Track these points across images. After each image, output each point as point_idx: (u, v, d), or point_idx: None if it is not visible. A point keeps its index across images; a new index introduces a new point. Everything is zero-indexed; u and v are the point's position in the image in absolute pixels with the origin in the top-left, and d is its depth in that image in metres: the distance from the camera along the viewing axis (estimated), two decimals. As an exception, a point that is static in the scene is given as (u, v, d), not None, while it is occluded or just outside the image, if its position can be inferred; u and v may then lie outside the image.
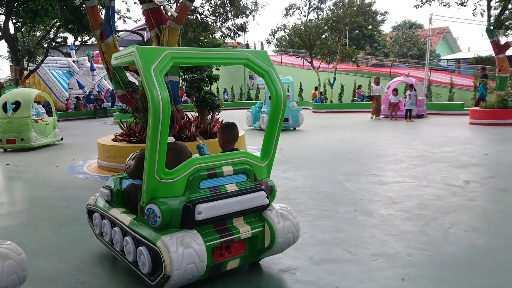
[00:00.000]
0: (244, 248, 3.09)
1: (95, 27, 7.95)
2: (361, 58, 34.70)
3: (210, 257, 2.83)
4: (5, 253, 2.63)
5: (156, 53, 2.71)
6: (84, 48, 34.34)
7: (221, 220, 2.94)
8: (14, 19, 22.34)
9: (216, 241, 2.87)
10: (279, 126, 3.27)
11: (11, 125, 11.02)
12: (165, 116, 2.59)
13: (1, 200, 5.94)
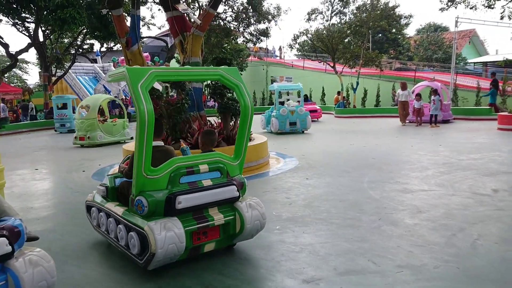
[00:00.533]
0: (219, 233, 3.65)
1: (121, 35, 8.13)
2: (385, 62, 34.30)
3: (189, 240, 3.39)
4: (35, 260, 2.72)
5: (143, 72, 3.25)
6: (110, 54, 35.09)
7: (198, 210, 3.51)
8: (43, 27, 23.02)
9: (193, 226, 3.42)
10: (248, 131, 3.84)
11: (82, 125, 13.37)
12: (150, 124, 3.16)
13: (30, 205, 6.12)
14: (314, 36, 26.51)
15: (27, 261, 2.67)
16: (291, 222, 4.67)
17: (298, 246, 3.93)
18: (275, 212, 5.09)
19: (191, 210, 3.45)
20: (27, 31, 23.77)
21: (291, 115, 14.47)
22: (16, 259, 2.63)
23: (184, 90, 8.07)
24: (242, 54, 33.04)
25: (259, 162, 8.01)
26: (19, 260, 2.63)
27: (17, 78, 45.61)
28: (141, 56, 8.26)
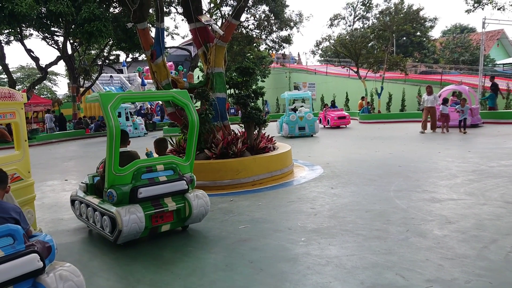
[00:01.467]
0: (173, 217, 4.79)
1: (146, 48, 8.28)
2: (410, 65, 33.76)
3: (148, 221, 4.53)
4: (65, 275, 2.78)
5: (112, 96, 4.40)
6: (135, 64, 35.85)
7: (156, 199, 4.64)
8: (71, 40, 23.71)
9: (151, 211, 4.55)
10: (195, 140, 5.08)
11: None
12: (117, 136, 4.28)
13: (60, 216, 6.28)
14: (336, 42, 26.36)
15: (58, 276, 2.74)
16: (317, 233, 4.63)
17: (324, 259, 3.89)
18: (300, 223, 5.07)
19: (150, 199, 4.59)
20: (56, 44, 24.57)
21: (300, 120, 16.12)
22: (47, 274, 2.70)
23: (208, 101, 8.15)
24: (264, 61, 33.16)
25: (283, 171, 8.00)
26: (50, 275, 2.70)
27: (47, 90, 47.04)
28: (166, 68, 8.39)
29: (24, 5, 17.50)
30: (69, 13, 19.05)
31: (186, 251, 4.39)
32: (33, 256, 2.61)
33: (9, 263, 2.48)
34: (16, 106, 4.63)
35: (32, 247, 2.64)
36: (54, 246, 2.88)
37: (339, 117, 19.77)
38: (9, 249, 2.55)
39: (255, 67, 9.84)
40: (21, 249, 2.59)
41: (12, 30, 19.39)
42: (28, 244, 2.66)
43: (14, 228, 2.61)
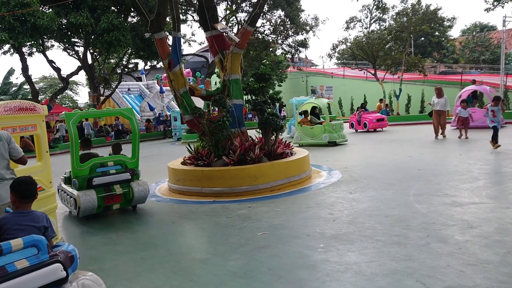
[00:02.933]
0: (121, 199, 6.66)
1: (163, 57, 8.41)
2: (428, 66, 33.30)
3: (101, 201, 6.41)
4: (88, 284, 2.85)
5: (73, 114, 6.26)
6: (154, 71, 36.33)
7: (107, 186, 6.49)
8: (91, 50, 24.20)
9: (103, 194, 6.41)
10: (138, 144, 6.94)
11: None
12: (76, 143, 6.17)
13: (82, 224, 6.40)
14: (353, 45, 26.21)
15: (80, 285, 2.81)
16: (335, 239, 4.61)
17: (343, 266, 3.88)
18: (318, 229, 5.05)
19: (102, 186, 6.43)
20: (76, 54, 25.14)
21: None
22: (70, 283, 2.76)
23: (225, 108, 8.21)
24: (281, 66, 33.20)
25: (301, 177, 7.98)
26: (72, 284, 2.77)
27: (68, 99, 48.07)
28: (183, 76, 8.49)
29: (45, 18, 17.98)
30: (89, 24, 19.47)
31: (204, 258, 4.42)
32: (57, 266, 2.67)
33: (34, 273, 2.55)
34: (38, 118, 4.78)
35: (56, 257, 2.71)
36: (77, 255, 2.95)
37: (378, 120, 18.84)
38: (34, 259, 2.62)
39: (272, 73, 9.88)
40: (45, 259, 2.66)
41: (35, 42, 19.92)
42: (51, 254, 2.73)
43: (38, 239, 2.69)
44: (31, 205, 3.13)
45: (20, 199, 3.05)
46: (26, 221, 2.96)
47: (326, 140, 13.93)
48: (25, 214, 3.01)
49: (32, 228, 2.96)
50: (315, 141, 14.28)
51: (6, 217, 2.97)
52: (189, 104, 8.42)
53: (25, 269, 2.53)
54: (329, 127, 14.07)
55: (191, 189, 7.69)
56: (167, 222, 6.10)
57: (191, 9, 25.27)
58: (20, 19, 17.72)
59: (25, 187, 3.07)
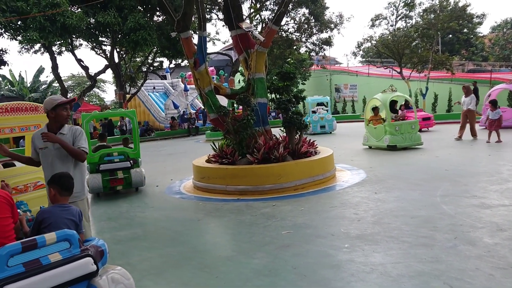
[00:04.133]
0: (123, 182, 8.42)
1: (189, 56, 8.50)
2: (456, 64, 32.54)
3: (107, 183, 8.33)
4: (117, 278, 2.94)
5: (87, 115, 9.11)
6: (178, 69, 36.72)
7: (112, 171, 8.33)
8: (118, 49, 24.65)
9: (108, 177, 8.29)
10: (138, 138, 8.90)
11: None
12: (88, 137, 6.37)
13: (110, 220, 6.56)
14: (378, 43, 25.85)
15: (110, 279, 2.89)
16: (361, 240, 4.58)
17: (369, 266, 3.85)
18: (343, 229, 5.03)
19: (108, 171, 8.33)
20: (104, 53, 25.64)
21: (321, 120, 19.21)
22: (100, 277, 2.85)
23: (250, 106, 8.24)
24: (305, 64, 33.04)
25: (325, 176, 7.95)
26: (102, 278, 2.85)
27: (95, 97, 49.11)
28: (208, 75, 8.57)
29: (74, 17, 18.41)
30: (116, 23, 19.82)
31: (229, 256, 4.47)
32: (88, 260, 2.76)
33: (66, 266, 2.64)
34: (42, 118, 4.99)
35: (87, 251, 2.80)
36: (106, 250, 3.04)
37: (424, 118, 17.19)
38: (66, 253, 2.72)
39: (296, 71, 9.85)
40: (77, 253, 2.76)
41: (64, 41, 20.42)
42: (83, 248, 2.83)
43: (70, 233, 2.78)
44: (68, 199, 3.25)
45: (61, 192, 3.19)
46: (66, 214, 3.09)
47: (386, 143, 11.77)
48: (65, 208, 3.14)
49: (71, 221, 3.08)
50: (378, 143, 12.20)
51: (49, 210, 3.10)
52: (214, 102, 8.49)
53: (58, 262, 2.63)
54: (391, 128, 11.72)
55: (216, 187, 7.76)
56: (193, 219, 6.18)
57: (215, 8, 25.43)
58: (51, 19, 18.20)
59: (65, 180, 3.23)
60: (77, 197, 3.79)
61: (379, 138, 12.13)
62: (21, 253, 2.50)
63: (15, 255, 2.47)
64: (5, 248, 2.44)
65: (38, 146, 3.90)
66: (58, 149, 3.81)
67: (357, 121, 26.49)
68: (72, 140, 3.89)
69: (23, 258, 2.51)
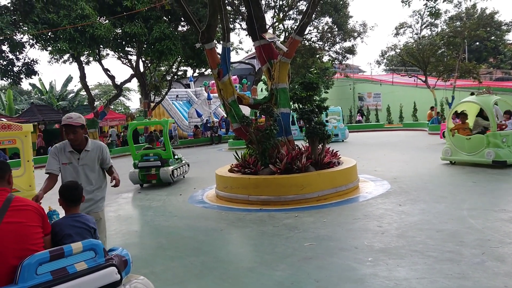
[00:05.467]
0: (156, 177, 10.68)
1: (213, 66, 8.61)
2: (484, 72, 31.80)
3: (144, 177, 10.75)
4: (139, 287, 2.98)
5: (132, 124, 13.30)
6: (202, 78, 37.11)
7: (147, 168, 10.70)
8: (143, 58, 25.16)
9: (144, 173, 10.69)
10: (168, 143, 11.32)
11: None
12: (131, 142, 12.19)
13: (135, 228, 6.66)
14: (403, 51, 25.54)
15: (133, 287, 2.94)
16: (384, 253, 4.51)
17: (393, 281, 3.79)
18: (366, 242, 4.96)
19: (144, 168, 10.63)
20: (129, 63, 26.20)
21: (334, 129, 19.82)
22: (124, 286, 2.89)
23: (273, 116, 8.27)
24: (328, 73, 32.93)
25: (348, 187, 7.87)
26: (126, 287, 2.90)
27: (121, 105, 50.12)
28: (232, 85, 8.65)
29: (102, 28, 18.92)
30: (142, 33, 20.26)
31: (251, 267, 4.47)
32: (112, 269, 2.81)
33: (92, 275, 2.69)
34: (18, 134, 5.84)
35: (111, 261, 2.85)
36: (130, 260, 3.09)
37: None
38: (91, 262, 2.77)
39: (319, 81, 9.83)
40: (102, 263, 2.80)
41: (91, 51, 20.98)
42: (107, 258, 2.88)
43: (96, 243, 2.84)
44: (78, 208, 3.26)
45: (67, 203, 3.18)
46: (78, 224, 3.09)
47: (490, 158, 9.35)
48: (76, 217, 3.13)
49: (85, 230, 3.09)
50: (473, 158, 9.81)
51: (59, 223, 3.09)
52: (237, 112, 8.55)
53: (83, 271, 2.68)
54: (497, 139, 9.40)
55: (238, 197, 7.79)
56: (215, 229, 6.21)
57: (239, 18, 25.68)
58: (80, 30, 18.75)
59: (70, 192, 3.20)
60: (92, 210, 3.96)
61: (473, 151, 9.80)
62: (49, 262, 2.57)
63: (43, 264, 2.54)
64: (34, 257, 2.51)
65: (61, 161, 3.92)
66: (83, 165, 3.93)
67: (381, 130, 26.19)
68: (98, 156, 4.01)
69: (51, 266, 2.57)
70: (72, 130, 3.83)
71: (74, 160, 3.90)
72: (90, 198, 3.97)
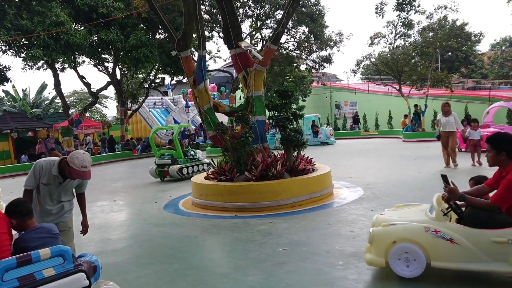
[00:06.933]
0: (168, 173, 12.73)
1: (189, 74, 8.66)
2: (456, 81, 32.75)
3: (160, 173, 13.00)
4: (108, 293, 2.99)
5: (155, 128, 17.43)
6: (180, 86, 37.01)
7: (162, 165, 12.90)
8: (120, 66, 24.94)
9: (160, 169, 12.94)
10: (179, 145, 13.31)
11: None
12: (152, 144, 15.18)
13: (109, 236, 6.60)
14: (378, 60, 26.10)
15: (101, 293, 2.96)
16: (355, 257, 4.61)
17: (361, 284, 3.89)
18: (338, 246, 5.06)
19: (160, 165, 12.90)
20: (106, 70, 25.92)
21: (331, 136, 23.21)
22: (92, 291, 2.90)
23: (248, 124, 8.35)
24: (305, 81, 33.29)
25: (323, 193, 7.99)
26: (94, 292, 2.91)
27: (97, 113, 49.41)
28: (207, 93, 8.71)
29: (78, 35, 18.70)
30: (119, 41, 20.12)
31: (225, 273, 4.50)
32: (81, 275, 2.81)
33: (60, 281, 2.69)
34: None
35: (80, 267, 2.86)
36: (99, 266, 3.09)
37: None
38: (60, 268, 2.77)
39: (294, 90, 9.98)
40: (70, 269, 2.80)
41: (67, 58, 20.67)
42: (76, 263, 2.88)
43: (64, 249, 2.83)
44: (34, 220, 3.19)
45: (22, 218, 3.10)
46: (43, 234, 3.03)
47: None
48: (37, 229, 3.07)
49: (51, 238, 3.05)
50: None
51: (24, 238, 3.01)
52: (213, 120, 8.60)
53: (51, 277, 2.67)
54: None
55: (214, 204, 7.81)
56: (190, 236, 6.21)
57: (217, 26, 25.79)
58: (54, 37, 18.48)
59: (22, 206, 3.15)
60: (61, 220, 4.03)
61: None
62: (16, 268, 2.55)
63: (10, 270, 2.52)
64: (0, 263, 2.50)
65: (42, 181, 3.88)
66: (61, 189, 3.96)
67: (357, 138, 26.61)
68: (79, 182, 4.05)
69: (18, 273, 2.56)
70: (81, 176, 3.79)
71: (55, 183, 3.91)
72: (59, 210, 4.04)
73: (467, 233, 3.56)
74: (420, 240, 3.68)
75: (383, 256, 3.86)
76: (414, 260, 3.71)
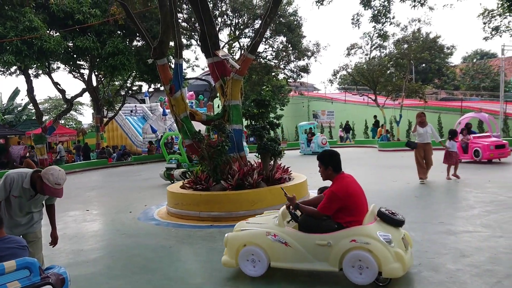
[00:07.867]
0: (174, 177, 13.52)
1: (165, 82, 8.61)
2: (430, 92, 33.58)
3: (169, 176, 13.72)
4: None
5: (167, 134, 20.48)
6: (157, 94, 36.67)
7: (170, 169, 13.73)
8: (96, 72, 24.60)
9: (168, 172, 13.86)
10: (183, 149, 13.64)
11: None
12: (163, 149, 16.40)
13: (80, 247, 6.44)
14: (354, 71, 26.56)
15: (71, 307, 2.88)
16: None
17: None
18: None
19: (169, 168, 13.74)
20: (81, 77, 25.51)
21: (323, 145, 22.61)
22: (61, 304, 2.82)
23: (225, 133, 8.34)
24: (283, 90, 33.56)
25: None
26: (63, 305, 2.83)
27: (72, 120, 48.45)
28: (184, 101, 8.67)
29: (52, 41, 18.38)
30: (95, 48, 19.87)
31: (199, 284, 4.47)
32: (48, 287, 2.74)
33: (26, 295, 2.61)
34: None
35: (47, 279, 2.78)
36: (68, 278, 3.01)
37: (497, 146, 13.23)
38: (26, 281, 2.68)
39: (271, 99, 10.04)
40: (37, 281, 2.72)
41: (40, 64, 20.27)
42: (43, 276, 2.79)
43: (31, 261, 2.75)
44: (3, 231, 3.07)
45: None
46: (12, 244, 2.93)
47: None
48: (5, 240, 2.97)
49: (19, 250, 2.94)
50: None
51: None
52: (189, 128, 8.56)
53: (17, 291, 2.59)
54: None
55: (189, 213, 7.74)
56: (164, 246, 6.13)
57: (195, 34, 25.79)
58: (28, 42, 18.11)
59: None
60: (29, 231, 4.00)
61: None
62: (-21, 282, 2.47)
63: (-28, 284, 2.45)
64: (-38, 277, 2.41)
65: (12, 193, 3.79)
66: (34, 200, 3.91)
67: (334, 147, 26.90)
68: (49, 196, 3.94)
69: (-20, 287, 2.48)
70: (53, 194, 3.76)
71: (26, 196, 3.83)
72: (29, 221, 3.99)
73: (298, 237, 4.19)
74: (262, 243, 4.28)
75: (234, 258, 4.44)
76: (258, 261, 4.29)
